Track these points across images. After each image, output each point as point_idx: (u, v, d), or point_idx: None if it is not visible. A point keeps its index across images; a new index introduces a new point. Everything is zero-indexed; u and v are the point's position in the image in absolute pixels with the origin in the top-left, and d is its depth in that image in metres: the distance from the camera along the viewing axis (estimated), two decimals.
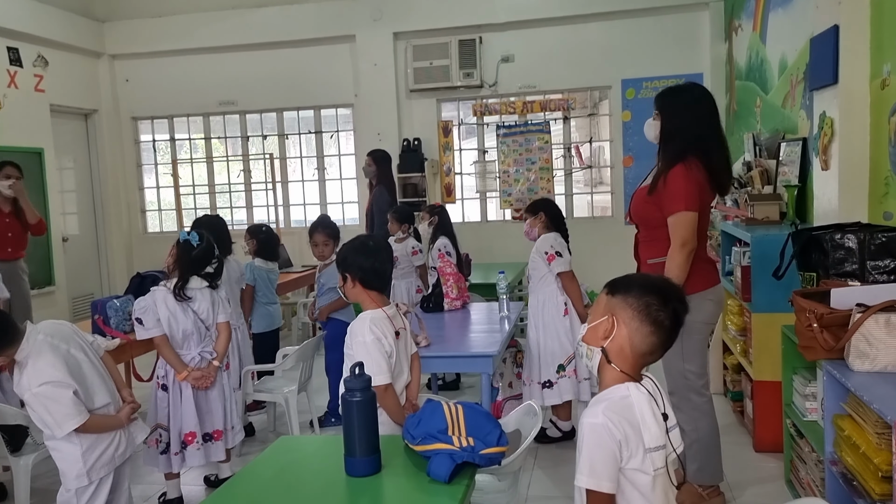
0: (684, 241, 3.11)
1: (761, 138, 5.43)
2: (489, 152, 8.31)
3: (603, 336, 1.82)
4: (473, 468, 2.12)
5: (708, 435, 3.32)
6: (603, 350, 1.82)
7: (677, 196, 3.13)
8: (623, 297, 1.81)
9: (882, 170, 3.43)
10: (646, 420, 1.76)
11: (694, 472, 3.34)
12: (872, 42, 3.53)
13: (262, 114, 8.87)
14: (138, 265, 8.14)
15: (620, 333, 1.80)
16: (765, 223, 4.36)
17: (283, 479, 2.20)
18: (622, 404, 1.76)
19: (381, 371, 2.63)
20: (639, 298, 1.79)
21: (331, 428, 4.68)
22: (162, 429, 3.52)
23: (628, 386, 1.79)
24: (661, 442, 1.77)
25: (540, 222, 4.30)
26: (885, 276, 3.06)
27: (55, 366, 2.74)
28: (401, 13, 8.02)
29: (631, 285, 1.83)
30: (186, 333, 3.53)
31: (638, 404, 1.77)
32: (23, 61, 7.50)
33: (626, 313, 1.80)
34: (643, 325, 1.79)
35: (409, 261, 5.43)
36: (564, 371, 4.18)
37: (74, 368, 2.82)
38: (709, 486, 3.35)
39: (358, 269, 2.76)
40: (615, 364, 1.81)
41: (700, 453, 3.31)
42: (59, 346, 2.84)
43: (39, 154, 7.69)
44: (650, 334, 1.79)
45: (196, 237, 3.50)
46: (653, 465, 1.74)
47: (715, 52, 7.35)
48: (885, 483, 2.26)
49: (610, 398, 1.78)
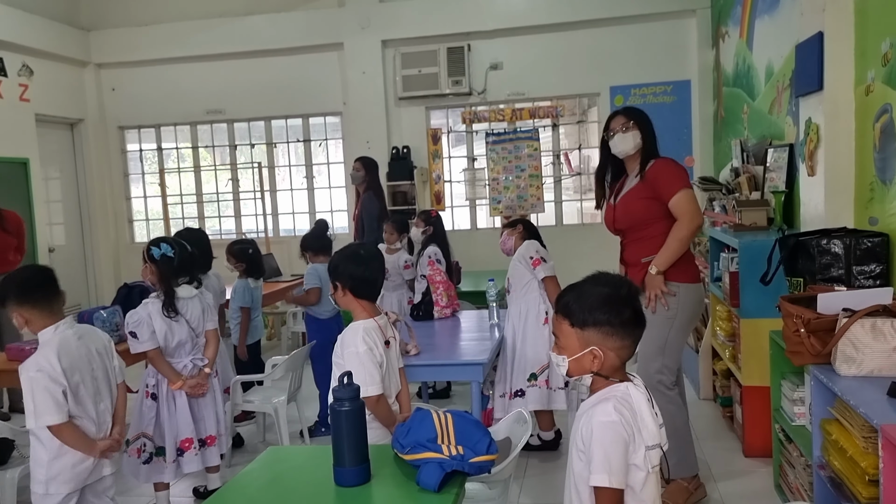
0: (693, 215, 3.25)
1: (748, 144, 5.47)
2: (478, 160, 8.32)
3: (592, 366, 1.83)
4: (463, 476, 2.11)
5: (682, 427, 3.40)
6: (596, 374, 1.84)
7: (672, 178, 3.28)
8: (595, 328, 1.81)
9: (867, 175, 3.46)
10: (644, 418, 1.80)
11: (674, 466, 3.36)
12: (857, 48, 3.56)
13: (250, 122, 8.86)
14: (126, 276, 8.09)
15: (608, 357, 1.82)
16: (752, 229, 4.39)
17: (273, 489, 2.18)
18: (626, 401, 1.80)
19: (373, 381, 2.62)
20: (611, 323, 1.80)
21: (321, 438, 4.66)
22: (146, 438, 3.48)
23: (627, 385, 1.84)
24: (657, 440, 1.81)
25: (518, 234, 4.29)
26: (870, 281, 3.09)
27: (58, 361, 2.71)
28: (389, 21, 8.03)
29: (594, 311, 1.81)
30: (181, 343, 3.52)
31: (637, 402, 1.81)
32: (7, 71, 7.46)
33: (608, 342, 1.81)
34: (625, 340, 1.83)
35: (399, 274, 5.38)
36: (536, 381, 4.11)
37: (76, 378, 2.78)
38: (689, 477, 3.42)
39: (349, 277, 2.75)
40: (612, 377, 1.85)
41: (677, 446, 3.32)
42: (80, 349, 2.81)
43: (25, 164, 7.65)
44: (632, 343, 1.85)
45: (168, 248, 3.46)
46: (650, 462, 1.78)
47: (702, 59, 7.41)
48: (872, 486, 2.27)
49: (615, 395, 1.80)
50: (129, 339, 3.44)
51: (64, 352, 2.73)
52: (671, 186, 3.25)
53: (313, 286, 4.72)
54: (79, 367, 2.78)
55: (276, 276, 7.08)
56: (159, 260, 3.44)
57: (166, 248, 3.45)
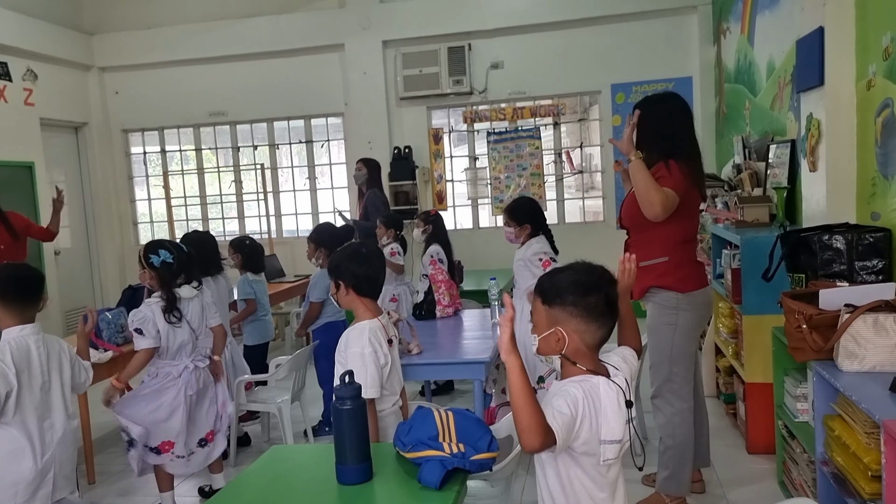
0: (664, 202, 3.06)
1: (750, 141, 5.46)
2: (480, 159, 8.32)
3: (557, 347, 1.89)
4: (464, 474, 2.12)
5: (683, 443, 3.30)
6: (563, 356, 1.90)
7: (665, 177, 3.14)
8: (561, 307, 1.89)
9: (869, 170, 3.45)
10: (608, 414, 1.84)
11: (663, 479, 3.33)
12: (858, 43, 3.56)
13: (253, 124, 8.88)
14: (130, 278, 8.11)
15: (572, 339, 1.88)
16: (754, 225, 4.38)
17: (276, 487, 2.19)
18: (594, 392, 1.85)
19: (373, 384, 2.61)
20: (576, 304, 1.87)
21: (325, 437, 4.67)
22: (133, 423, 3.44)
23: (599, 379, 1.88)
24: (617, 437, 1.84)
25: (525, 234, 4.28)
26: (872, 277, 3.08)
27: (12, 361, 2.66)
28: (389, 21, 8.04)
29: (561, 290, 1.89)
30: (182, 345, 3.53)
31: (606, 396, 1.85)
32: (12, 75, 7.49)
33: (570, 323, 1.88)
34: (590, 324, 1.88)
35: None
36: (543, 383, 4.11)
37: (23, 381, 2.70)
38: (676, 497, 3.33)
39: (351, 276, 2.74)
40: (579, 364, 1.89)
41: (673, 461, 3.30)
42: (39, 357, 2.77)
43: (30, 168, 7.68)
44: (598, 329, 1.89)
45: (166, 254, 3.46)
46: (602, 455, 1.84)
47: (704, 56, 7.39)
48: (875, 482, 2.27)
49: (583, 381, 1.87)
50: (135, 336, 3.44)
51: (17, 354, 2.69)
52: (661, 181, 3.14)
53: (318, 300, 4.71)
54: (26, 374, 2.71)
55: (279, 276, 7.11)
56: (160, 267, 3.44)
57: (165, 255, 3.45)
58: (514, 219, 4.31)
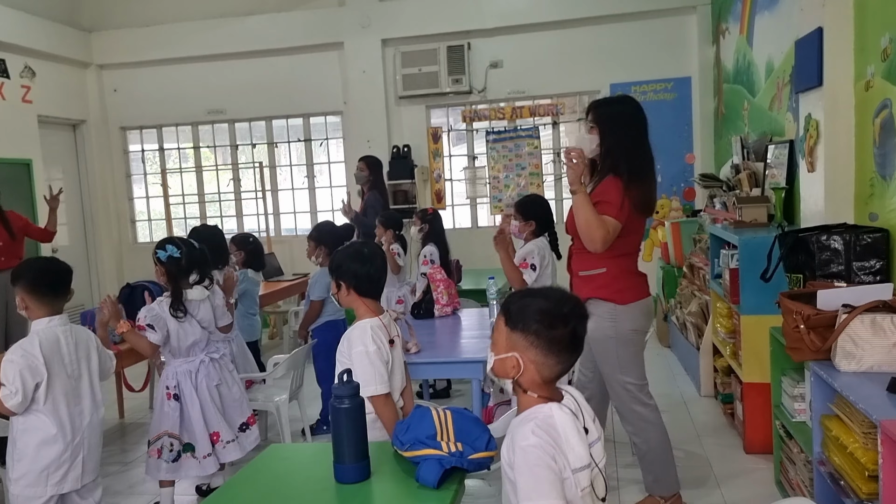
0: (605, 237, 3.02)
1: (749, 141, 5.47)
2: (479, 158, 8.32)
3: (511, 373, 1.77)
4: (462, 473, 2.12)
5: (659, 445, 3.28)
6: (515, 382, 1.78)
7: (610, 204, 3.05)
8: (523, 334, 1.75)
9: (867, 171, 3.46)
10: (570, 441, 1.71)
11: (651, 483, 3.34)
12: (856, 44, 3.56)
13: (251, 122, 8.87)
14: (128, 276, 8.11)
15: (528, 369, 1.76)
16: (752, 226, 4.38)
17: (274, 486, 2.19)
18: (548, 423, 1.71)
19: (382, 380, 2.61)
20: (538, 334, 1.73)
21: (323, 436, 4.66)
22: (172, 438, 3.48)
23: (551, 406, 1.75)
24: (585, 461, 1.73)
25: (529, 230, 4.29)
26: (870, 277, 3.09)
27: (40, 351, 2.79)
28: (389, 20, 8.04)
29: (527, 316, 1.75)
30: (195, 342, 3.55)
31: (562, 424, 1.72)
32: (10, 72, 7.48)
33: (529, 352, 1.75)
34: (548, 358, 1.75)
35: None
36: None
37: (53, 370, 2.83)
38: (669, 496, 3.33)
39: (352, 276, 2.73)
40: (531, 392, 1.78)
41: (654, 464, 3.30)
42: (66, 346, 2.89)
43: (28, 165, 7.67)
44: (556, 364, 1.76)
45: (174, 249, 3.46)
46: (578, 485, 1.70)
47: (703, 56, 7.40)
48: (872, 482, 2.28)
49: (535, 417, 1.73)
50: (147, 330, 3.42)
51: (46, 345, 2.82)
52: (603, 208, 3.04)
53: (318, 298, 4.70)
54: (56, 363, 2.85)
55: (277, 275, 7.10)
56: (166, 262, 3.45)
57: (172, 250, 3.45)
58: (521, 213, 4.32)
